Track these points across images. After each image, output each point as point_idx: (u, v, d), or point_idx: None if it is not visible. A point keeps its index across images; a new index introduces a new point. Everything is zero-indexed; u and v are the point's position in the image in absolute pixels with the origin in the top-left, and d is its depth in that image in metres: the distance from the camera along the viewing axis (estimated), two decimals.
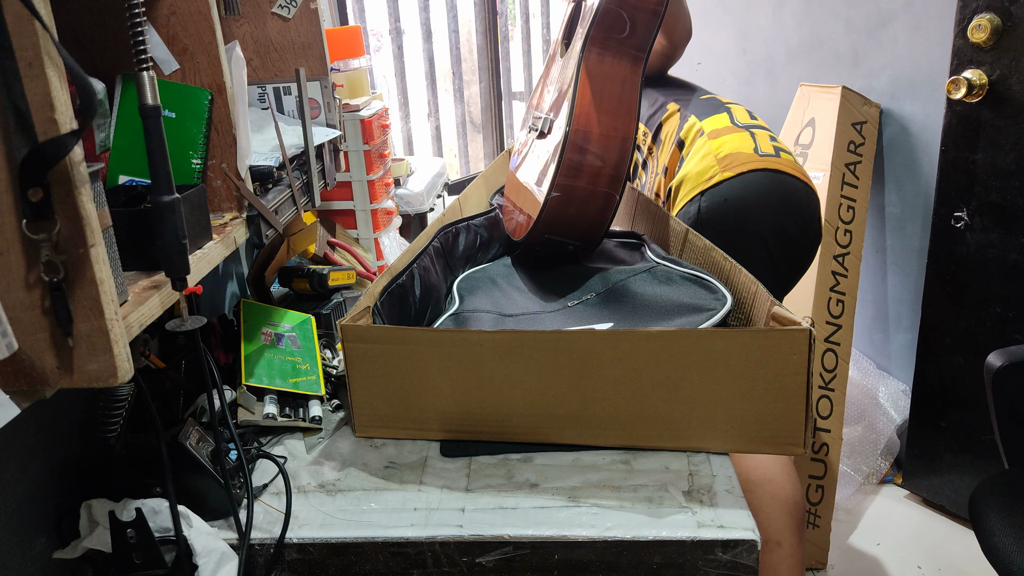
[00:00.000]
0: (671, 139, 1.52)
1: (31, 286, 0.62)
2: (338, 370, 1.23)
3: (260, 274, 1.38)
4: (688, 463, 0.98)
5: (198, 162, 0.97)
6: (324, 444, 1.08)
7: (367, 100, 1.85)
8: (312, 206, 1.25)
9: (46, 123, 0.59)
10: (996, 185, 1.77)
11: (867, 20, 2.14)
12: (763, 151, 1.41)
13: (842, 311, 1.99)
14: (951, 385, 1.96)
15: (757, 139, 1.44)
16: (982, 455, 1.94)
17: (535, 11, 3.22)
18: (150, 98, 0.70)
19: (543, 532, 0.87)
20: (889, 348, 2.32)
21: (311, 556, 0.89)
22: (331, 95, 1.33)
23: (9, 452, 0.87)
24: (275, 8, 1.25)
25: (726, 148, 1.41)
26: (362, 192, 1.87)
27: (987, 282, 1.83)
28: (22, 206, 0.60)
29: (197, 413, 1.06)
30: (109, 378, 0.66)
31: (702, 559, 0.86)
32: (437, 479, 0.98)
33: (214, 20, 0.95)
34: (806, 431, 0.96)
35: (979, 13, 1.70)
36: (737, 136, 1.44)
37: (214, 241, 0.92)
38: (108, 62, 0.98)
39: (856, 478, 2.17)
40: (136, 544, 0.86)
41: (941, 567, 1.91)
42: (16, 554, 0.88)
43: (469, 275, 1.37)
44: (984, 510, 1.21)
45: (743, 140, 1.43)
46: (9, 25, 0.56)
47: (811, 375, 0.93)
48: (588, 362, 0.97)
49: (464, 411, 1.03)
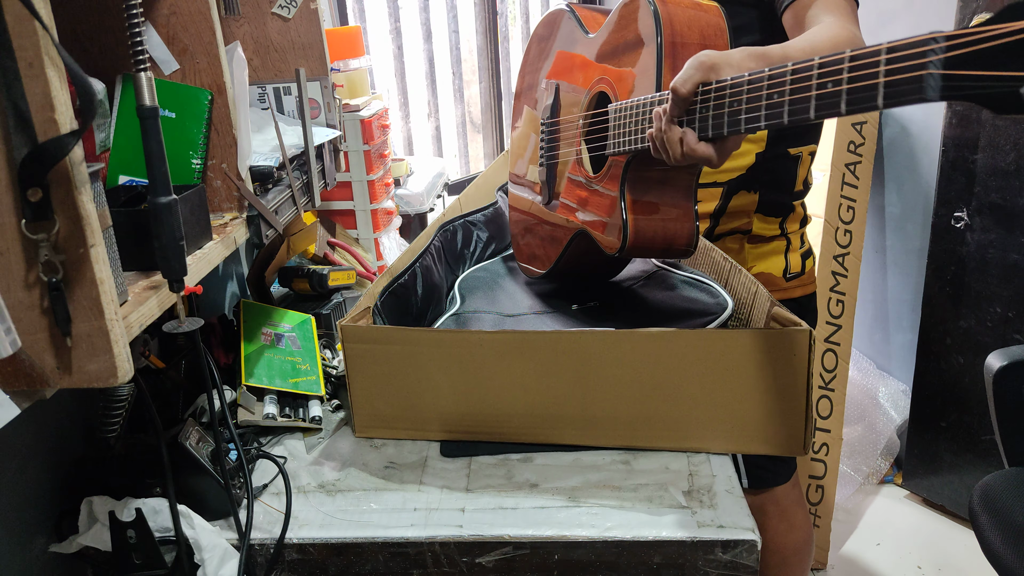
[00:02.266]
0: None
1: (30, 286, 0.62)
2: (338, 370, 1.23)
3: (260, 274, 1.38)
4: (688, 463, 0.98)
5: (198, 162, 0.97)
6: (324, 444, 1.08)
7: (367, 100, 1.85)
8: (312, 206, 1.25)
9: (46, 123, 0.59)
10: (996, 185, 1.77)
11: (867, 20, 2.12)
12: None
13: (842, 311, 1.99)
14: (951, 385, 1.96)
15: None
16: (982, 455, 1.94)
17: (535, 11, 3.22)
18: (148, 99, 0.70)
19: (543, 532, 0.87)
20: (889, 348, 2.32)
21: (311, 556, 0.89)
22: (331, 95, 1.33)
23: (9, 452, 0.87)
24: (275, 8, 1.25)
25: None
26: (362, 192, 1.88)
27: (987, 282, 1.83)
28: (22, 206, 0.60)
29: (197, 413, 1.06)
30: (109, 378, 0.66)
31: (702, 559, 0.86)
32: (437, 479, 0.98)
33: (214, 20, 0.95)
34: (806, 431, 0.96)
35: (979, 13, 1.70)
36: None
37: (214, 241, 0.92)
38: (108, 62, 0.98)
39: (856, 478, 2.17)
40: (136, 544, 0.86)
41: (941, 567, 1.91)
42: (16, 554, 0.88)
43: (470, 275, 1.37)
44: (984, 510, 1.21)
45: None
46: (9, 25, 0.56)
47: (811, 375, 0.93)
48: (588, 362, 0.97)
49: (464, 411, 1.03)
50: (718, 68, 0.84)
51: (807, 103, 0.70)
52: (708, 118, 0.84)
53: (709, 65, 0.84)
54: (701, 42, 0.95)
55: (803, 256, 1.33)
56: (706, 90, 0.84)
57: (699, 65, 0.84)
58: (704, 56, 0.84)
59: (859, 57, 0.64)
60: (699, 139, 0.85)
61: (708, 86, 0.83)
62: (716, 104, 0.82)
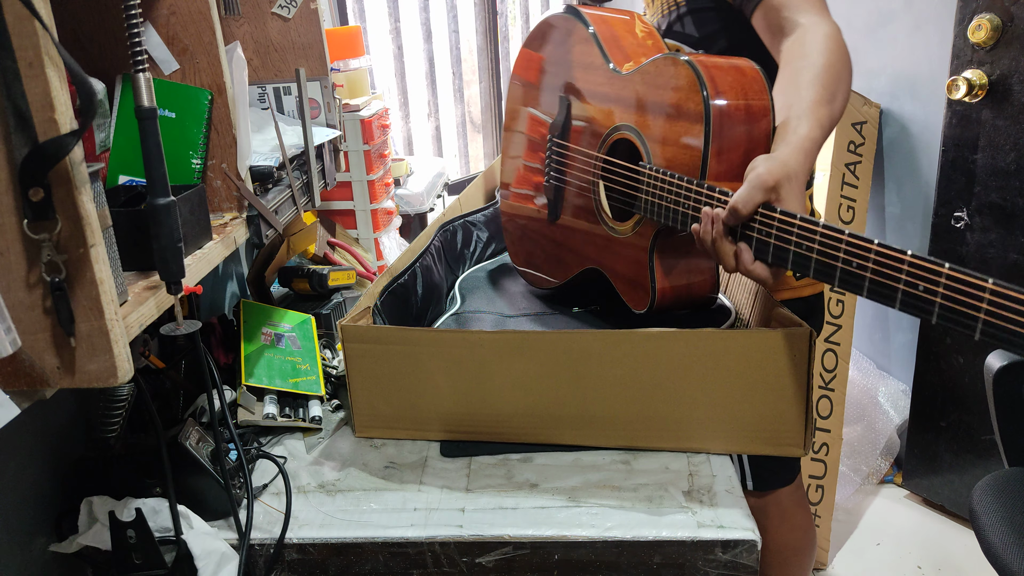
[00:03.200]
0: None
1: (32, 286, 0.62)
2: (338, 370, 1.23)
3: (260, 274, 1.38)
4: (688, 463, 0.98)
5: (198, 162, 0.97)
6: (324, 444, 1.08)
7: (367, 100, 1.85)
8: (312, 206, 1.25)
9: (46, 123, 0.59)
10: (996, 185, 1.77)
11: (867, 20, 2.14)
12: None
13: (842, 311, 1.99)
14: (951, 385, 1.96)
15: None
16: (982, 455, 1.94)
17: (535, 11, 3.22)
18: (146, 100, 0.70)
19: (543, 532, 0.87)
20: (889, 348, 2.32)
21: (311, 556, 0.89)
22: (331, 95, 1.33)
23: (9, 452, 0.87)
24: (275, 8, 1.25)
25: None
26: (362, 192, 1.87)
27: None
28: (23, 206, 0.60)
29: (197, 413, 1.06)
30: (109, 378, 0.66)
31: (702, 559, 0.86)
32: (437, 479, 0.98)
33: (214, 20, 0.95)
34: (806, 431, 0.96)
35: (979, 13, 1.70)
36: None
37: (214, 241, 0.92)
38: (108, 62, 0.98)
39: (856, 478, 2.17)
40: (136, 544, 0.86)
41: (941, 567, 1.91)
42: (16, 554, 0.88)
43: (471, 275, 1.37)
44: (983, 510, 1.21)
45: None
46: (9, 25, 0.56)
47: (811, 375, 0.93)
48: (588, 362, 0.97)
49: (464, 411, 1.03)
50: (779, 189, 0.81)
51: (862, 282, 0.74)
52: (769, 246, 0.82)
53: (772, 186, 0.81)
54: (747, 120, 0.91)
55: None
56: (768, 216, 0.81)
57: (761, 184, 0.81)
58: (766, 174, 0.81)
59: (922, 269, 0.69)
60: (755, 259, 0.84)
61: (771, 214, 0.81)
62: (779, 237, 0.80)
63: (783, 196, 0.81)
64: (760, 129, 0.91)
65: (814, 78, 0.93)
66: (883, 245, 0.71)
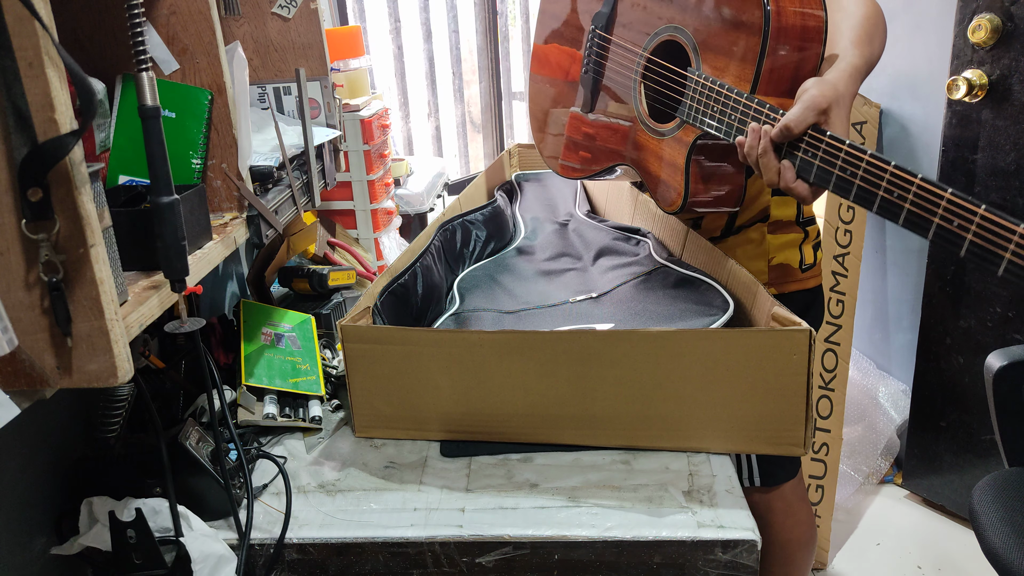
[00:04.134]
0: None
1: (30, 286, 0.62)
2: (338, 370, 1.23)
3: (260, 274, 1.38)
4: (688, 463, 0.98)
5: (198, 162, 0.97)
6: (324, 444, 1.08)
7: (367, 100, 1.85)
8: (312, 206, 1.25)
9: (46, 123, 0.59)
10: (996, 185, 1.77)
11: None
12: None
13: (842, 311, 1.99)
14: (951, 385, 1.96)
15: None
16: (982, 455, 1.94)
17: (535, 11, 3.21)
18: (149, 99, 0.70)
19: (543, 532, 0.87)
20: (889, 348, 2.32)
21: (311, 556, 0.89)
22: (331, 95, 1.33)
23: (9, 452, 0.87)
24: (275, 8, 1.25)
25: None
26: (362, 192, 1.88)
27: (987, 282, 1.83)
28: (22, 206, 0.60)
29: (197, 413, 1.06)
30: (109, 378, 0.66)
31: (702, 559, 0.86)
32: (437, 479, 0.98)
33: (214, 20, 0.95)
34: (806, 431, 0.96)
35: (979, 13, 1.70)
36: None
37: (214, 241, 0.92)
38: (108, 62, 0.98)
39: (856, 478, 2.17)
40: (136, 544, 0.86)
41: (941, 567, 1.91)
42: (16, 554, 0.88)
43: (469, 273, 1.37)
44: (983, 510, 1.21)
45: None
46: (9, 25, 0.56)
47: (811, 375, 0.93)
48: (588, 362, 0.97)
49: (464, 411, 1.03)
50: (829, 112, 0.85)
51: (899, 211, 0.78)
52: (812, 166, 0.85)
53: (824, 108, 0.84)
54: (801, 40, 0.94)
55: (814, 248, 1.35)
56: (816, 138, 0.84)
57: (814, 106, 0.84)
58: (819, 96, 0.84)
59: (959, 207, 0.74)
60: (796, 177, 0.87)
61: (820, 136, 0.83)
62: (825, 159, 0.83)
63: (832, 119, 0.85)
64: (812, 51, 0.94)
65: (856, 24, 0.99)
66: (925, 179, 0.76)
